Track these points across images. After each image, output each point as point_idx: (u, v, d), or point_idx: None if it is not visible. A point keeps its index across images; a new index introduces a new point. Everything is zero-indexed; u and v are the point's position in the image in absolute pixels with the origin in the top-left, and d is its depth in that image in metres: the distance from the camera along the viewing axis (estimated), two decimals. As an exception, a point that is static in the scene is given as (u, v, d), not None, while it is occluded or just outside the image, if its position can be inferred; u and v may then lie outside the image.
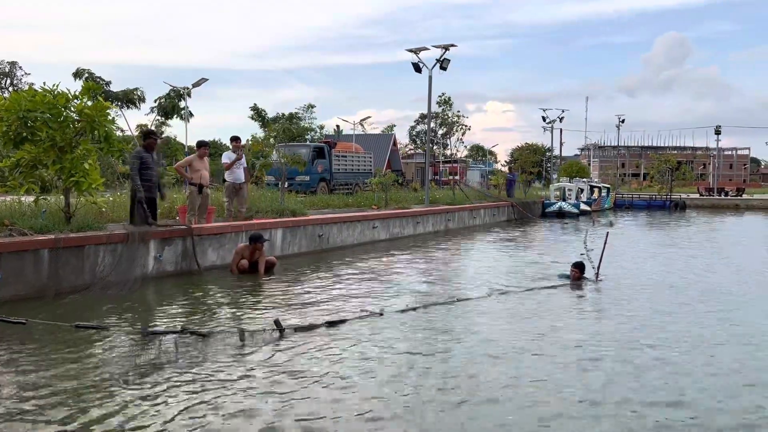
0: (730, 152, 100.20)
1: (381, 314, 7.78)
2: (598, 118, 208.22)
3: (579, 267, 10.59)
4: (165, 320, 7.70)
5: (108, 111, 10.15)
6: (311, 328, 7.11)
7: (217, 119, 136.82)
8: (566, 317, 8.20)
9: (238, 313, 8.12)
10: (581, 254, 11.01)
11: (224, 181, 13.78)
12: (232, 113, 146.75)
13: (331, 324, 7.26)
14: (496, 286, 10.18)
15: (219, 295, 9.45)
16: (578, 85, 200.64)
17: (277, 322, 6.86)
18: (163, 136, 48.35)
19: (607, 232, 11.69)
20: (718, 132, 56.93)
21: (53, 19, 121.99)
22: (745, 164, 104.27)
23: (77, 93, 9.98)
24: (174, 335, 6.56)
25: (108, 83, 40.15)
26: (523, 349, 6.48)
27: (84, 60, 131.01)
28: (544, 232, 22.89)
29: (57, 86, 9.89)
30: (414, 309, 8.24)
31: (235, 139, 13.81)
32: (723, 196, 48.66)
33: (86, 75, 36.49)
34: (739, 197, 47.60)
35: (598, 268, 10.70)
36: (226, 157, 13.46)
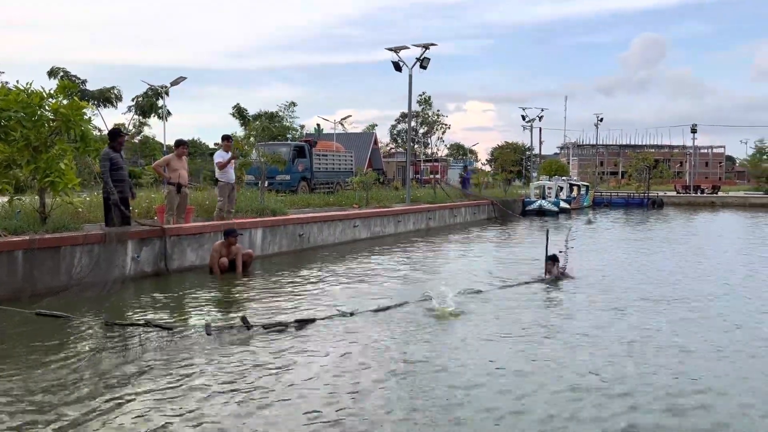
0: (705, 150, 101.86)
1: (351, 314, 7.75)
2: (577, 117, 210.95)
3: (553, 260, 10.70)
4: (135, 318, 7.56)
5: (84, 110, 10.01)
6: (279, 326, 7.05)
7: (200, 118, 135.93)
8: (540, 312, 8.28)
9: (209, 312, 8.07)
10: (560, 251, 11.09)
11: (216, 180, 13.67)
12: (214, 112, 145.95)
13: (299, 323, 7.21)
14: (471, 284, 10.15)
15: (194, 295, 9.35)
16: (558, 85, 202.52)
17: (243, 319, 6.82)
18: (140, 135, 47.77)
19: (547, 230, 11.96)
20: (694, 131, 57.89)
21: (54, 19, 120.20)
22: (720, 162, 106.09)
23: (52, 92, 9.84)
24: (138, 328, 6.44)
25: (84, 82, 39.59)
26: (498, 349, 6.49)
27: (83, 60, 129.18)
28: (524, 230, 23.03)
29: (30, 85, 9.74)
30: (386, 309, 8.16)
31: (226, 138, 13.64)
32: (699, 194, 49.33)
33: (61, 74, 35.93)
34: (714, 195, 48.27)
35: (547, 259, 10.79)
36: (219, 156, 13.29)
